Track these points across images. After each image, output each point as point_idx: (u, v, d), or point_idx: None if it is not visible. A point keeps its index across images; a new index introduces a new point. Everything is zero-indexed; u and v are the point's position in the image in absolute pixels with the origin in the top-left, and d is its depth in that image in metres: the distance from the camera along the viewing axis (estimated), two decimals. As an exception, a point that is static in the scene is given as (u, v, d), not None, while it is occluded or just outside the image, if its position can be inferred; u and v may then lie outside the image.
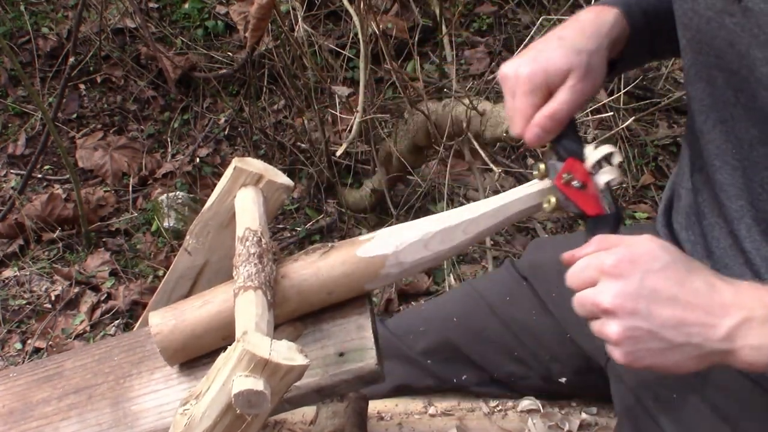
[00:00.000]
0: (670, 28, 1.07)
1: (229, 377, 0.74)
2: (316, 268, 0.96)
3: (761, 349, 0.78)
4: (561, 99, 0.95)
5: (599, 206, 0.93)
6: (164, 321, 0.94)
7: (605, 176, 0.93)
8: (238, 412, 0.74)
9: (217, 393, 0.75)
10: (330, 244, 0.98)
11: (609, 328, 0.81)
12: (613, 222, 0.94)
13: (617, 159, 0.95)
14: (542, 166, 0.97)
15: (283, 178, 1.03)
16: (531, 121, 0.95)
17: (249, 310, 0.84)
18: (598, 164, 0.94)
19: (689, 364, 0.81)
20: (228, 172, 1.02)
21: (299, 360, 0.76)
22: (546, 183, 0.97)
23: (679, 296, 0.79)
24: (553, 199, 0.95)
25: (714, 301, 0.79)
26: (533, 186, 0.98)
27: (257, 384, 0.73)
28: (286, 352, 0.76)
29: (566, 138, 0.97)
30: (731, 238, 0.97)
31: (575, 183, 0.93)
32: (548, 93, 0.97)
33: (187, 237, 1.03)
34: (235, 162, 1.01)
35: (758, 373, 0.84)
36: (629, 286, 0.80)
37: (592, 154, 0.95)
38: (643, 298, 0.79)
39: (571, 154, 0.95)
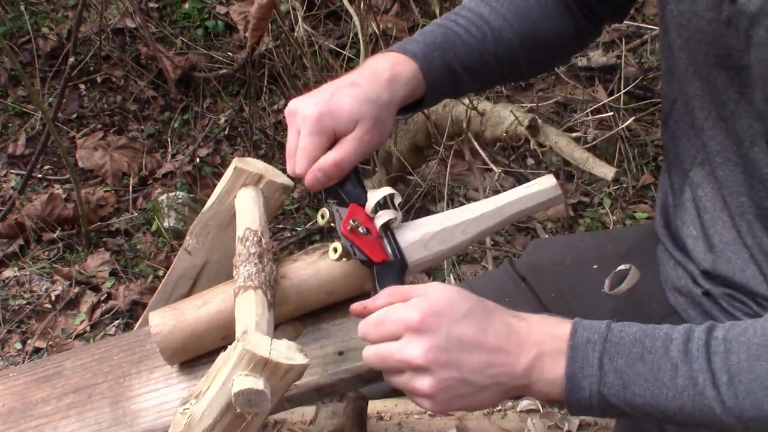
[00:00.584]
0: (475, 75, 1.08)
1: (229, 376, 0.74)
2: (317, 267, 0.96)
3: (553, 381, 0.83)
4: (347, 148, 0.95)
5: (384, 253, 0.94)
6: (164, 321, 0.94)
7: (383, 218, 0.94)
8: (238, 411, 0.74)
9: (217, 392, 0.75)
10: (330, 244, 0.98)
11: (420, 383, 0.83)
12: (398, 268, 0.95)
13: (397, 200, 0.96)
14: (326, 210, 0.96)
15: (284, 178, 1.04)
16: (314, 165, 0.95)
17: (249, 309, 0.84)
18: (379, 207, 0.95)
19: (494, 401, 0.86)
20: (228, 172, 1.02)
21: (299, 359, 0.76)
22: (550, 184, 0.97)
23: (482, 341, 0.83)
24: (339, 247, 0.93)
25: (512, 341, 0.83)
26: (534, 186, 0.98)
27: (257, 383, 0.73)
28: (286, 352, 0.76)
29: (348, 183, 0.97)
30: (734, 232, 0.97)
31: (361, 229, 0.93)
32: (333, 137, 0.96)
33: (187, 237, 1.04)
34: (236, 162, 1.01)
35: (554, 402, 0.89)
36: (438, 339, 0.82)
37: (372, 197, 0.96)
38: (453, 349, 0.82)
39: (353, 200, 0.96)
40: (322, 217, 0.96)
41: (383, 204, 0.97)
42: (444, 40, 1.06)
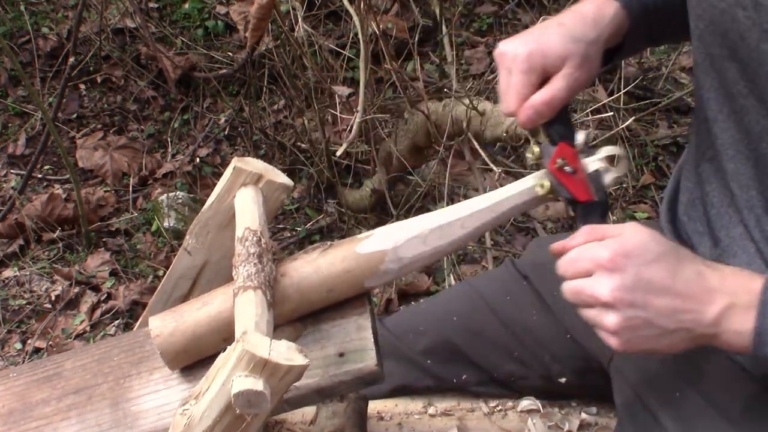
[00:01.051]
0: (669, 18, 1.08)
1: (228, 377, 0.74)
2: (316, 265, 0.96)
3: (742, 334, 0.84)
4: (558, 86, 0.96)
5: (589, 193, 0.95)
6: (164, 323, 0.94)
7: (595, 164, 0.95)
8: (237, 412, 0.74)
9: (216, 393, 0.75)
10: (329, 243, 0.98)
11: (607, 319, 0.85)
12: (601, 210, 0.96)
13: (611, 152, 0.96)
14: (536, 149, 0.98)
15: (283, 178, 1.03)
16: (525, 103, 0.96)
17: (249, 310, 0.84)
18: (589, 150, 0.96)
19: (680, 346, 0.87)
20: (228, 172, 1.02)
21: (299, 360, 0.76)
22: (546, 176, 0.98)
23: (671, 286, 0.84)
24: (546, 183, 0.96)
25: (702, 289, 0.85)
26: (529, 180, 0.99)
27: (257, 384, 0.73)
28: (285, 352, 0.76)
29: (558, 123, 0.98)
30: (742, 226, 0.97)
31: (567, 168, 0.95)
32: (544, 75, 0.98)
33: (187, 237, 1.03)
34: (235, 162, 1.01)
35: (739, 353, 0.89)
36: (626, 279, 0.84)
37: (580, 136, 0.96)
38: (640, 289, 0.84)
39: (562, 139, 0.97)
40: (531, 153, 0.98)
41: (591, 145, 0.98)
42: None
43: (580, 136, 0.97)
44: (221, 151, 2.97)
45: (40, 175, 2.89)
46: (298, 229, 2.65)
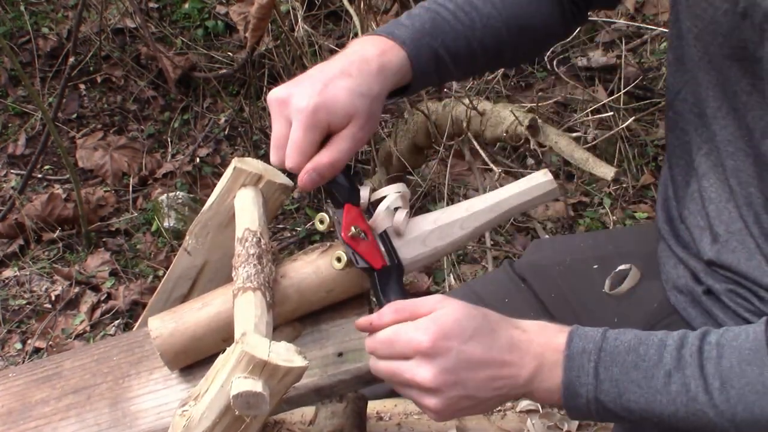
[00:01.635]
0: (460, 63, 1.07)
1: (227, 379, 0.74)
2: (316, 266, 0.96)
3: (551, 390, 0.88)
4: (342, 147, 0.92)
5: (382, 257, 0.94)
6: (163, 324, 0.94)
7: (383, 224, 0.94)
8: (236, 413, 0.74)
9: (216, 394, 0.75)
10: (329, 244, 0.98)
11: (430, 402, 0.87)
12: (398, 274, 0.95)
13: (392, 202, 0.95)
14: (325, 216, 0.94)
15: (283, 178, 1.03)
16: (308, 164, 0.91)
17: (248, 311, 0.84)
18: (371, 207, 0.95)
19: (496, 406, 0.95)
20: (228, 172, 1.02)
21: (298, 361, 0.76)
22: (546, 178, 0.97)
23: (489, 359, 0.87)
24: (343, 257, 0.93)
25: (514, 355, 0.87)
26: (531, 180, 0.99)
27: (256, 385, 0.73)
28: (284, 354, 0.76)
29: (340, 183, 0.95)
30: (741, 222, 0.97)
31: (361, 235, 0.93)
32: (327, 132, 0.93)
33: (187, 237, 1.03)
34: (235, 162, 1.01)
35: (554, 407, 0.95)
36: (448, 362, 0.85)
37: (364, 195, 0.95)
38: (462, 369, 0.86)
39: (347, 199, 0.94)
40: (321, 222, 0.95)
41: (375, 203, 0.96)
42: (432, 26, 1.03)
43: (364, 193, 0.95)
44: (221, 151, 2.97)
45: (40, 175, 2.89)
46: (298, 229, 2.65)
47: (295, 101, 0.92)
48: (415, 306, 0.89)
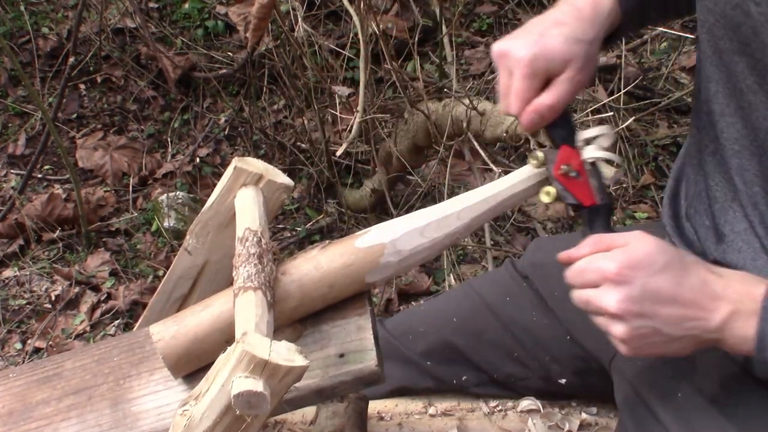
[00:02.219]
0: (662, 7, 1.09)
1: (228, 378, 0.74)
2: (317, 262, 0.96)
3: (745, 338, 0.87)
4: (561, 90, 0.97)
5: (593, 197, 0.96)
6: (165, 327, 0.94)
7: (591, 157, 0.96)
8: (237, 413, 0.74)
9: (216, 394, 0.75)
10: (328, 241, 0.99)
11: (616, 329, 0.88)
12: (606, 212, 0.97)
13: (607, 141, 0.97)
14: (540, 154, 0.98)
15: (283, 178, 1.03)
16: (528, 107, 0.96)
17: (249, 310, 0.84)
18: (591, 147, 0.97)
19: (687, 350, 0.90)
20: (228, 172, 1.02)
21: (299, 361, 0.76)
22: (539, 170, 0.98)
23: (677, 295, 0.87)
24: (552, 191, 0.97)
25: (707, 296, 0.87)
26: (524, 171, 1.00)
27: (257, 385, 0.73)
28: (285, 353, 0.76)
29: (560, 125, 0.98)
30: (746, 222, 0.97)
31: (572, 173, 0.96)
32: (546, 79, 0.97)
33: (187, 237, 1.03)
34: (236, 162, 1.01)
35: (742, 355, 0.92)
36: (633, 291, 0.86)
37: (581, 136, 0.97)
38: (647, 300, 0.86)
39: (564, 141, 0.97)
40: (536, 159, 0.98)
41: (593, 143, 0.98)
42: None
43: (582, 135, 0.97)
44: (221, 151, 2.97)
45: (40, 175, 2.89)
46: (298, 229, 2.65)
47: (514, 53, 0.97)
48: (612, 239, 0.91)
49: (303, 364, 0.76)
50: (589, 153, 0.96)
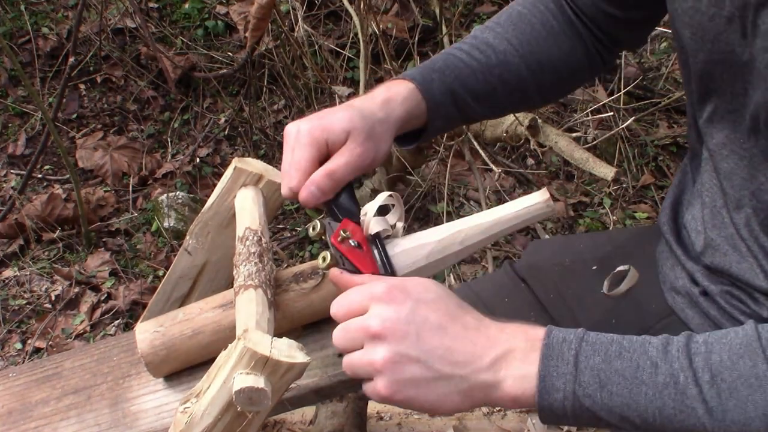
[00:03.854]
0: (481, 98, 1.07)
1: (229, 375, 0.74)
2: (309, 300, 0.97)
3: (525, 378, 0.78)
4: (339, 160, 0.94)
5: (375, 266, 0.92)
6: (154, 351, 0.95)
7: (375, 228, 0.93)
8: (239, 409, 0.75)
9: (217, 391, 0.75)
10: (321, 272, 0.97)
11: (375, 354, 0.79)
12: None
13: (395, 212, 0.94)
14: (318, 224, 0.95)
15: None
16: (307, 180, 0.93)
17: (249, 308, 0.84)
18: (376, 220, 0.94)
19: (453, 399, 0.80)
20: (228, 172, 1.02)
21: (300, 358, 0.77)
22: (542, 196, 0.96)
23: (448, 327, 0.80)
24: (328, 256, 0.92)
25: (481, 334, 0.80)
26: (529, 200, 0.97)
27: (258, 381, 0.73)
28: (286, 350, 0.76)
29: (342, 199, 0.95)
30: (732, 226, 0.97)
31: (351, 242, 0.92)
32: (326, 153, 0.95)
33: (187, 237, 1.04)
34: (235, 162, 1.01)
35: (525, 408, 0.83)
36: (401, 311, 0.80)
37: (364, 210, 0.94)
38: (414, 324, 0.79)
39: (347, 215, 0.94)
40: (313, 228, 0.95)
41: (377, 215, 0.95)
42: (444, 64, 1.06)
43: (364, 209, 0.95)
44: (221, 151, 2.97)
45: (40, 175, 2.89)
46: (298, 229, 2.65)
47: (294, 130, 0.96)
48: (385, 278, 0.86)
49: (304, 361, 0.77)
50: (373, 227, 0.93)
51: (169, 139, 2.99)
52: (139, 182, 2.88)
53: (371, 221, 0.93)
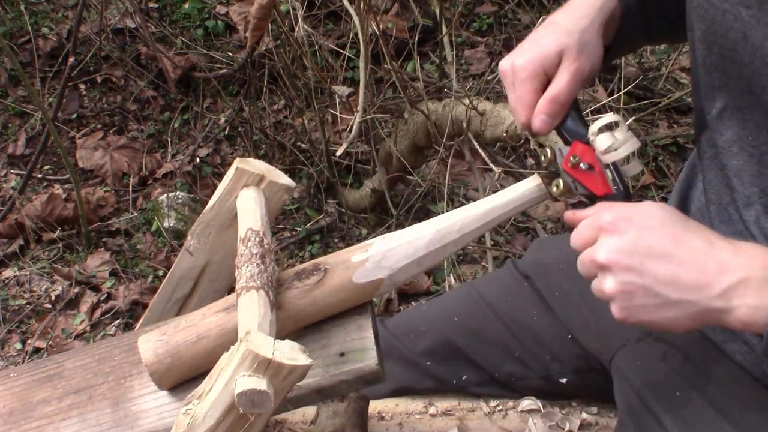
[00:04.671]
0: (666, 9, 1.08)
1: (232, 377, 0.74)
2: (313, 297, 0.95)
3: (759, 309, 0.77)
4: (560, 81, 0.96)
5: (607, 186, 0.93)
6: (159, 359, 0.94)
7: (611, 156, 0.93)
8: (241, 411, 0.74)
9: (220, 393, 0.75)
10: (323, 268, 0.96)
11: (605, 284, 0.83)
12: (623, 200, 0.93)
13: (622, 128, 0.94)
14: (548, 150, 0.97)
15: (285, 179, 1.04)
16: (535, 109, 0.96)
17: (252, 310, 0.84)
18: (604, 140, 0.94)
19: (684, 323, 0.81)
20: (230, 173, 1.02)
21: (302, 360, 0.76)
22: (534, 181, 0.97)
23: (674, 253, 0.81)
24: (561, 183, 0.95)
25: (711, 259, 0.79)
26: (522, 186, 0.97)
27: (260, 384, 0.73)
28: (289, 352, 0.76)
29: (570, 121, 0.97)
30: (741, 223, 0.97)
31: (582, 165, 0.93)
32: (547, 79, 0.98)
33: (189, 237, 1.03)
34: (237, 163, 1.01)
35: (754, 333, 0.82)
36: (625, 242, 0.82)
37: (591, 128, 0.95)
38: (638, 254, 0.81)
39: (576, 137, 0.95)
40: (544, 157, 0.97)
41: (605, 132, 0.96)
42: None
43: (593, 126, 0.95)
44: (221, 151, 2.97)
45: (40, 175, 2.89)
46: (298, 229, 2.65)
47: (509, 65, 0.99)
48: (619, 203, 0.88)
49: (306, 363, 0.77)
50: (609, 155, 0.93)
51: (169, 139, 2.99)
52: (139, 182, 2.88)
53: (598, 138, 0.93)
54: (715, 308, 0.79)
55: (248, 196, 1.00)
